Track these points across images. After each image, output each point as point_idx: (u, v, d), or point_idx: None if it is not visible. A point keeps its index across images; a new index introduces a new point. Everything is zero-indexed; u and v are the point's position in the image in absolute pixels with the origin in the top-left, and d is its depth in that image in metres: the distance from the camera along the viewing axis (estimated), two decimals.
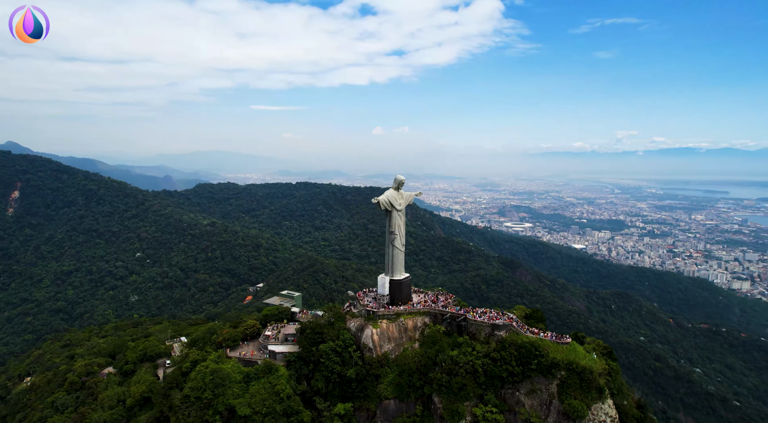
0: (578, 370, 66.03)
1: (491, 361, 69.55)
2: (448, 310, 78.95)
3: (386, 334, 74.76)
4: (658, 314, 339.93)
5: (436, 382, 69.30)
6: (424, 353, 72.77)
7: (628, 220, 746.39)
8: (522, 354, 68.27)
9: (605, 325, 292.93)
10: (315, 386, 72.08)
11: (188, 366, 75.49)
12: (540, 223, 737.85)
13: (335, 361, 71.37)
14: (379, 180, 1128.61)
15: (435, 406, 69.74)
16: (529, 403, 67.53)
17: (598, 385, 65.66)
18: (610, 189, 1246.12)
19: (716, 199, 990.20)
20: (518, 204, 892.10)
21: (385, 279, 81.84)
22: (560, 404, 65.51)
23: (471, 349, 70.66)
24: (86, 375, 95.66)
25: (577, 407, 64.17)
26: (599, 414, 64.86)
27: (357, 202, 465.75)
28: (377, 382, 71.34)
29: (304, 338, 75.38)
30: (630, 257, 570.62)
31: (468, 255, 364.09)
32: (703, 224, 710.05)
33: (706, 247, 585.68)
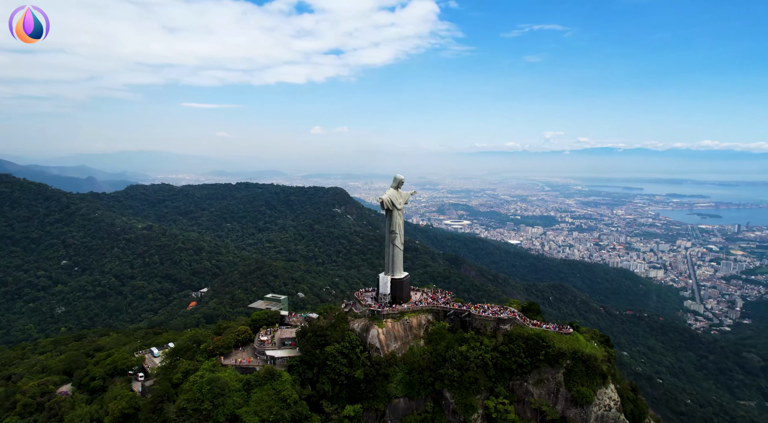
0: (584, 358, 69.41)
1: (500, 354, 71.43)
2: (451, 307, 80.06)
3: (392, 333, 74.57)
4: (590, 304, 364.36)
5: (447, 378, 70.15)
6: (433, 350, 73.34)
7: (558, 216, 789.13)
8: (530, 346, 70.71)
9: (546, 316, 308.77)
10: (321, 389, 70.62)
11: (179, 377, 71.49)
12: (478, 220, 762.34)
13: (342, 363, 70.36)
14: (319, 180, 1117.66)
15: (446, 402, 70.59)
16: (538, 393, 70.16)
17: (601, 371, 69.53)
18: (541, 187, 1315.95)
19: (633, 195, 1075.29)
20: (456, 202, 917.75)
21: (386, 278, 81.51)
22: (568, 392, 68.72)
23: (479, 343, 72.14)
24: (41, 395, 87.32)
25: (585, 393, 67.68)
26: (604, 398, 68.87)
27: (301, 202, 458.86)
28: (387, 381, 70.99)
29: (306, 341, 73.70)
30: (561, 251, 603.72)
31: (414, 253, 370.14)
32: (623, 218, 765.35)
33: (626, 240, 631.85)
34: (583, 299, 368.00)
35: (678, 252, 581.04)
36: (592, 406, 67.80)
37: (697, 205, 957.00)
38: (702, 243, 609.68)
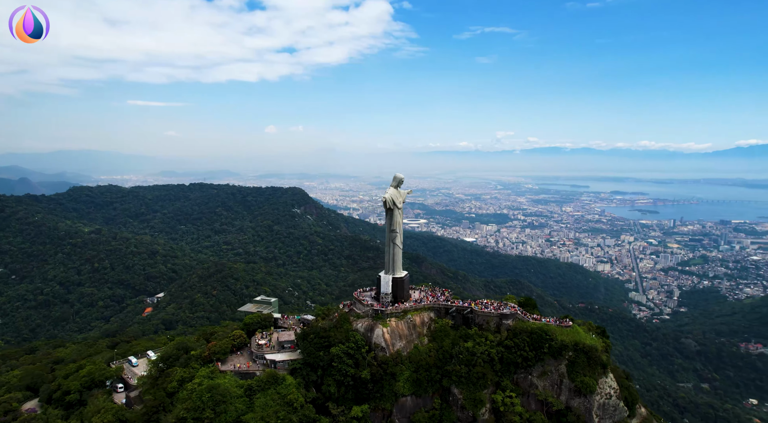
0: (585, 349, 72.32)
1: (505, 348, 73.24)
2: (452, 304, 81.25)
3: (396, 332, 74.69)
4: (545, 298, 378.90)
5: (455, 374, 71.21)
6: (439, 347, 74.04)
7: (511, 214, 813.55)
8: (534, 339, 72.88)
9: None
10: (326, 392, 69.88)
11: (175, 385, 68.66)
12: (434, 219, 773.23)
13: (348, 364, 69.81)
14: (273, 180, 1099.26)
15: (454, 398, 71.54)
16: (542, 385, 72.53)
17: (602, 361, 72.82)
18: (494, 185, 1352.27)
19: (580, 193, 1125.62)
20: (412, 201, 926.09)
21: (388, 277, 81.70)
22: (571, 382, 71.41)
23: (484, 339, 73.63)
24: (4, 414, 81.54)
25: (589, 383, 70.66)
26: (605, 387, 72.24)
27: (259, 202, 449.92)
28: (394, 380, 70.91)
29: (309, 343, 72.61)
30: (515, 247, 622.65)
31: (376, 252, 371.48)
32: (572, 215, 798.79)
33: (575, 236, 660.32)
34: (538, 294, 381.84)
35: (622, 246, 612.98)
36: (595, 395, 71.01)
37: (637, 201, 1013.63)
38: (643, 237, 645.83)
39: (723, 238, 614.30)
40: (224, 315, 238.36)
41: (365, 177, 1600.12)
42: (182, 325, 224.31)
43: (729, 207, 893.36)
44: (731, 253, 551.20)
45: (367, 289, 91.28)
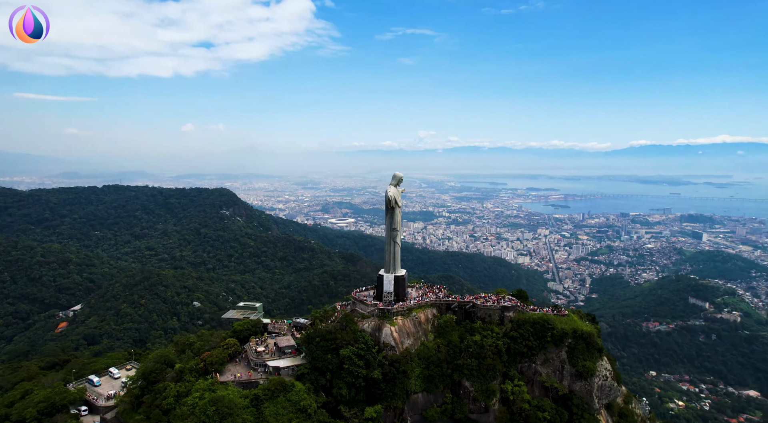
0: (584, 335, 77.02)
1: (511, 339, 76.23)
2: (455, 300, 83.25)
3: (404, 330, 74.94)
4: (476, 292, 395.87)
5: (466, 368, 72.93)
6: (448, 342, 75.25)
7: (436, 211, 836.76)
8: (537, 329, 76.42)
9: None
10: (337, 395, 68.62)
11: (171, 402, 63.95)
12: (362, 218, 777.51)
13: (359, 365, 69.05)
14: (192, 181, 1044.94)
15: (465, 391, 73.23)
16: (545, 372, 76.40)
17: (598, 346, 78.24)
18: (418, 183, 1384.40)
19: (499, 190, 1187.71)
20: (340, 200, 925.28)
21: (390, 276, 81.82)
22: (572, 368, 75.96)
23: (490, 331, 76.18)
24: None
25: (590, 367, 75.38)
26: (602, 370, 77.74)
27: (183, 205, 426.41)
28: (406, 378, 71.05)
29: (315, 347, 70.88)
30: (442, 243, 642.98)
31: (311, 253, 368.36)
32: (492, 211, 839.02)
33: (497, 231, 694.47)
34: (468, 288, 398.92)
35: (539, 239, 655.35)
36: (595, 377, 76.38)
37: (550, 197, 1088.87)
38: (557, 231, 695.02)
39: (623, 229, 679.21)
40: (155, 325, 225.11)
41: (290, 176, 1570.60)
42: (108, 339, 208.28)
43: (627, 201, 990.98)
44: (630, 243, 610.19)
45: (363, 288, 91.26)
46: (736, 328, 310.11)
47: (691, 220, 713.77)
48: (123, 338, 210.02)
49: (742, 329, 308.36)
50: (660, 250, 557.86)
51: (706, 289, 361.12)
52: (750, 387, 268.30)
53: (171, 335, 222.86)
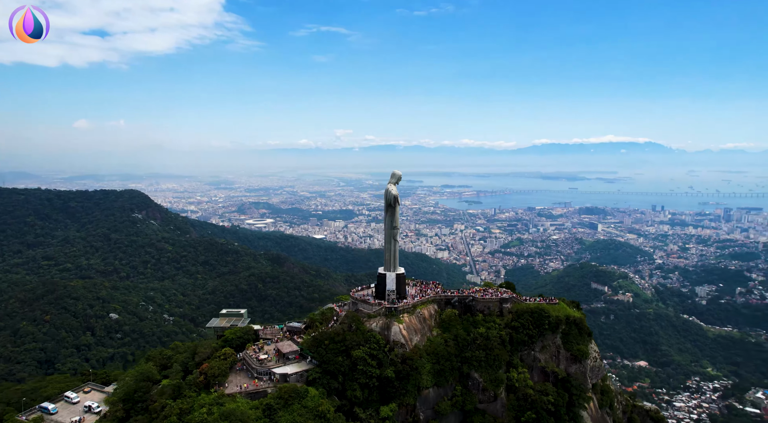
0: (576, 321, 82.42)
1: (512, 329, 79.88)
2: (455, 294, 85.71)
3: (411, 327, 75.70)
4: None
5: (474, 360, 75.36)
6: (455, 336, 77.01)
7: (356, 209, 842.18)
8: (535, 318, 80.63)
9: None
10: (352, 397, 67.77)
11: (174, 420, 59.27)
12: (281, 218, 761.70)
13: (372, 365, 68.65)
14: (87, 182, 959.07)
15: (474, 382, 75.63)
16: (543, 358, 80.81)
17: (588, 330, 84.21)
18: (336, 182, 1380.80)
19: (416, 188, 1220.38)
20: (256, 200, 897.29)
21: (392, 275, 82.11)
22: (567, 352, 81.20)
23: (492, 323, 79.10)
24: None
25: (584, 350, 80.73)
26: (591, 352, 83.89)
27: (87, 209, 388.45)
28: (418, 374, 71.72)
29: (325, 350, 69.38)
30: (363, 241, 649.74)
31: (235, 256, 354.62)
32: (410, 208, 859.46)
33: (416, 227, 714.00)
34: None
35: (456, 234, 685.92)
36: (587, 359, 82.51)
37: (464, 193, 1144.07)
38: (472, 225, 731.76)
39: (531, 222, 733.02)
40: (65, 343, 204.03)
41: (201, 176, 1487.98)
42: (4, 363, 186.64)
43: (532, 196, 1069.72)
44: (538, 235, 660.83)
45: (359, 288, 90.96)
46: (629, 308, 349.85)
47: (587, 213, 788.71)
48: (25, 361, 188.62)
49: (633, 308, 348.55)
50: (564, 241, 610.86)
51: (605, 274, 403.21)
52: (640, 358, 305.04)
53: (85, 353, 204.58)
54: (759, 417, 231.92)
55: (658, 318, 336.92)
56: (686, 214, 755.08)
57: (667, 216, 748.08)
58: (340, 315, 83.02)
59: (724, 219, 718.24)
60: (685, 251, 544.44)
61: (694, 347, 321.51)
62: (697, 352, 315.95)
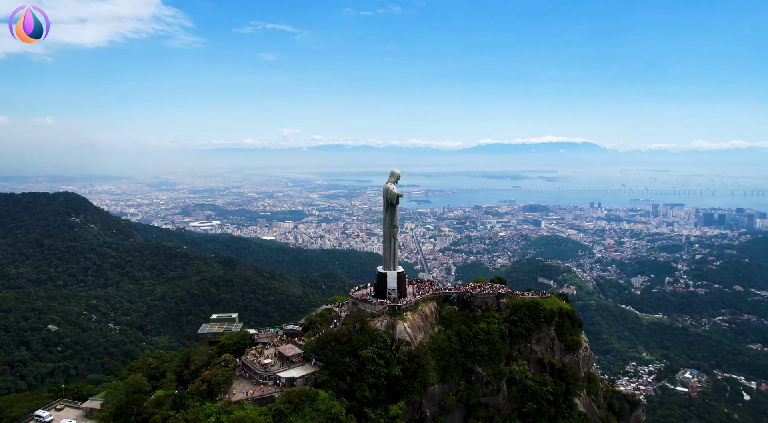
0: (568, 314, 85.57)
1: (511, 323, 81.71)
2: (453, 291, 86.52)
3: (415, 324, 75.83)
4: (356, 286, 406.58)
5: (478, 354, 76.68)
6: (457, 332, 77.84)
7: (305, 210, 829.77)
8: (531, 312, 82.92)
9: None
10: (361, 397, 67.35)
11: None
12: (228, 220, 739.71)
13: (381, 364, 68.37)
14: (10, 184, 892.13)
15: (478, 376, 76.85)
16: (539, 350, 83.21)
17: (579, 322, 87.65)
18: (285, 182, 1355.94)
19: (365, 187, 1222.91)
20: (201, 202, 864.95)
21: (394, 273, 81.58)
22: (561, 343, 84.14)
23: (492, 318, 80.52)
24: None
25: (578, 340, 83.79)
26: (582, 342, 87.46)
27: (14, 213, 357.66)
28: (425, 371, 72.06)
29: (332, 351, 68.54)
30: (314, 242, 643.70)
31: (185, 259, 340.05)
32: (361, 208, 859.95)
33: (367, 227, 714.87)
34: (351, 283, 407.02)
35: (406, 233, 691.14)
36: (580, 350, 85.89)
37: (413, 193, 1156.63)
38: (422, 224, 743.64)
39: (478, 220, 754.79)
40: None
41: (141, 177, 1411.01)
42: None
43: (479, 194, 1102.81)
44: (486, 232, 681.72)
45: (356, 288, 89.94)
46: (572, 300, 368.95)
47: (531, 210, 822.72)
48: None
49: (577, 300, 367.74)
50: (510, 238, 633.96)
51: (550, 268, 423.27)
52: None
53: (20, 369, 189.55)
54: (687, 395, 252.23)
55: (600, 309, 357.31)
56: (620, 210, 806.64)
57: (603, 212, 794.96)
58: (340, 316, 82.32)
59: (653, 214, 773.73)
60: (621, 245, 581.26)
61: (631, 334, 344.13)
62: (633, 339, 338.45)
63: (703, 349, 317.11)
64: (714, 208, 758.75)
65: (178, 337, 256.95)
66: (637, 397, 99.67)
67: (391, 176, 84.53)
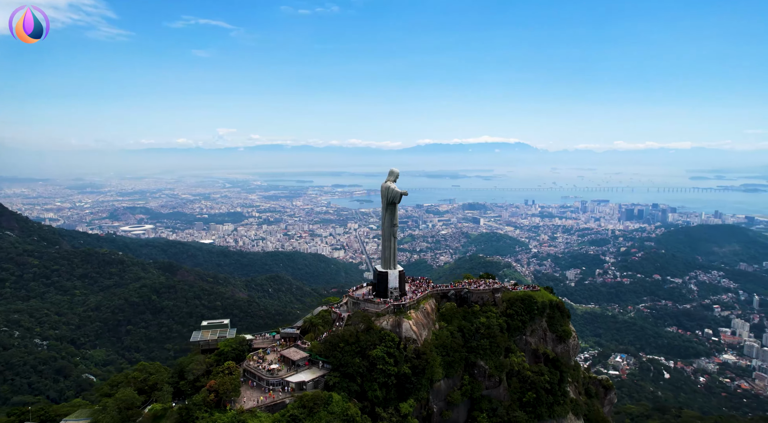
0: (558, 305, 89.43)
1: (508, 317, 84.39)
2: (451, 287, 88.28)
3: (419, 322, 76.35)
4: (304, 288, 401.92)
5: (480, 348, 78.58)
6: (459, 327, 79.44)
7: (245, 211, 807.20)
8: (526, 305, 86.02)
9: (270, 307, 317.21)
10: (373, 397, 66.94)
11: None
12: (162, 223, 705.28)
13: (390, 363, 68.37)
14: None
15: (480, 369, 78.59)
16: (533, 341, 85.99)
17: (567, 312, 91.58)
18: (222, 184, 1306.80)
19: (306, 188, 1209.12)
20: (132, 205, 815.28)
21: (395, 272, 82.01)
22: (552, 334, 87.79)
23: (490, 312, 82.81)
24: None
25: (568, 330, 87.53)
26: (571, 331, 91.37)
27: None
28: (431, 367, 72.89)
29: (341, 353, 67.62)
30: (256, 244, 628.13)
31: (121, 266, 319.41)
32: (303, 209, 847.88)
33: (309, 228, 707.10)
34: (297, 285, 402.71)
35: (350, 233, 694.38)
36: (570, 339, 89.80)
37: (355, 192, 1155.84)
38: (365, 224, 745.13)
39: (420, 219, 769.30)
40: None
41: (60, 180, 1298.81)
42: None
43: (420, 193, 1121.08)
44: (428, 230, 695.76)
45: (354, 288, 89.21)
46: None
47: (470, 208, 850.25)
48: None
49: None
50: (451, 236, 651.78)
51: (491, 264, 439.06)
52: None
53: None
54: (619, 377, 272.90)
55: None
56: (552, 207, 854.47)
57: (537, 209, 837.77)
58: (340, 317, 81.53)
59: (582, 210, 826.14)
60: (554, 240, 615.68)
61: None
62: None
63: (630, 335, 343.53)
64: (634, 204, 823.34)
65: (116, 349, 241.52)
66: (610, 381, 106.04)
67: (390, 175, 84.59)
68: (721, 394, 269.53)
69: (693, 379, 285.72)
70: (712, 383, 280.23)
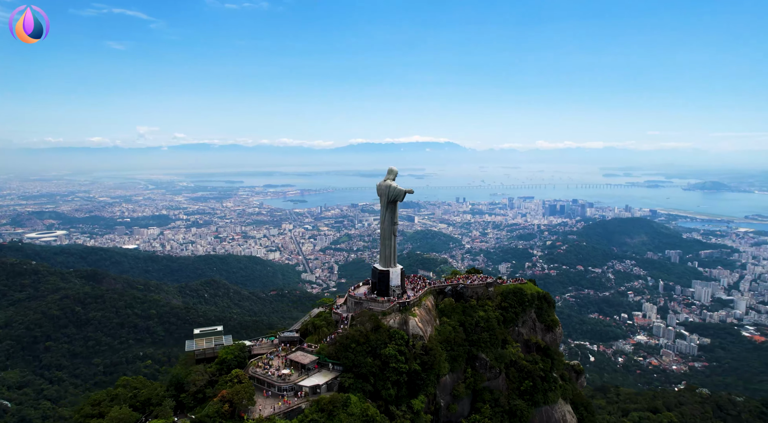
0: (545, 297, 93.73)
1: (503, 309, 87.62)
2: (447, 283, 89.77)
3: (423, 318, 77.34)
4: (241, 292, 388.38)
5: (482, 342, 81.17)
6: (461, 322, 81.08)
7: (171, 214, 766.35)
8: (518, 297, 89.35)
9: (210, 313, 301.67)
10: (387, 396, 66.99)
11: None
12: (76, 229, 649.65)
13: (402, 361, 68.66)
14: None
15: (482, 362, 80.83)
16: (525, 332, 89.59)
17: (553, 303, 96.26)
18: (144, 185, 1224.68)
19: (237, 188, 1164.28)
20: (39, 209, 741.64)
21: (396, 270, 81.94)
22: (541, 324, 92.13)
23: (487, 306, 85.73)
24: None
25: (555, 320, 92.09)
26: (557, 321, 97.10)
27: None
28: (438, 363, 74.07)
29: (353, 353, 67.15)
30: (185, 248, 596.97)
31: (36, 276, 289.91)
32: (234, 210, 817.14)
33: (242, 229, 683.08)
34: (235, 290, 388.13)
35: (285, 234, 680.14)
36: (557, 328, 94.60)
37: (288, 193, 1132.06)
38: (299, 224, 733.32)
39: (356, 218, 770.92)
40: None
41: None
42: None
43: (354, 193, 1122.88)
44: (364, 229, 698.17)
45: (353, 288, 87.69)
46: None
47: (404, 206, 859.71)
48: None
49: None
50: None
51: (429, 261, 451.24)
52: None
53: None
54: None
55: None
56: (482, 204, 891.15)
57: (468, 206, 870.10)
58: (342, 318, 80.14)
59: (509, 207, 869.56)
60: (485, 236, 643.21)
61: None
62: None
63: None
64: (556, 200, 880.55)
65: (33, 369, 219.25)
66: (581, 366, 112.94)
67: (389, 173, 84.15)
68: (636, 371, 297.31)
69: (613, 360, 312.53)
70: (628, 362, 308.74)
